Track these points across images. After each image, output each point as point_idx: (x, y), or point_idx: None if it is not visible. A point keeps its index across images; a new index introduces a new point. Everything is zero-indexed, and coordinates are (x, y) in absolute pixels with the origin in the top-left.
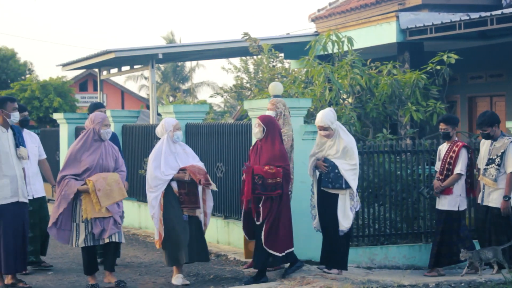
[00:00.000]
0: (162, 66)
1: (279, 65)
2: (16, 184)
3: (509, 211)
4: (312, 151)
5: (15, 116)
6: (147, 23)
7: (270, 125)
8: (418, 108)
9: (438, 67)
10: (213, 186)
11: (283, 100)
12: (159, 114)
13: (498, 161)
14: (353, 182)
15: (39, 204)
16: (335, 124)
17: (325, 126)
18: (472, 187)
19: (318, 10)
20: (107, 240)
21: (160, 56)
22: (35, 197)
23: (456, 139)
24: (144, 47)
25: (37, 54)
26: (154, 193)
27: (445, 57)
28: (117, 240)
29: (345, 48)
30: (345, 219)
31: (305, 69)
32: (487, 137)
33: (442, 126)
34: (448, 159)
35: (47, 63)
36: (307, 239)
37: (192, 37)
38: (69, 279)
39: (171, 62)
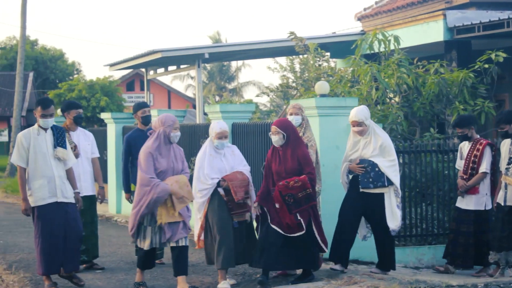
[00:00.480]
0: (208, 66)
1: (325, 64)
2: (54, 185)
3: None
4: (345, 155)
5: (43, 123)
6: (193, 23)
7: (289, 129)
8: (465, 107)
9: (486, 66)
10: (250, 202)
11: (301, 103)
12: (205, 114)
13: None
14: (396, 178)
15: (89, 203)
16: (369, 120)
17: (359, 121)
18: (495, 186)
19: (364, 9)
20: (173, 244)
21: (207, 56)
22: (83, 194)
23: (478, 137)
24: (190, 46)
25: (85, 54)
26: (200, 198)
27: (493, 56)
28: (184, 244)
29: (392, 47)
30: (394, 218)
31: (351, 68)
32: (505, 135)
33: (458, 130)
34: (472, 158)
35: (94, 63)
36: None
37: (238, 37)
38: (117, 278)
39: (217, 62)
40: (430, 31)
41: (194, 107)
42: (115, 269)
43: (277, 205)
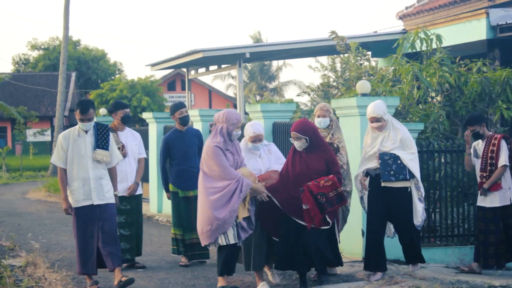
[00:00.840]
0: (249, 65)
1: (366, 63)
2: (89, 188)
3: None
4: (363, 154)
5: (84, 126)
6: (234, 22)
7: (309, 132)
8: (508, 106)
9: None
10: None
11: (328, 104)
12: (246, 113)
13: None
14: (417, 171)
15: (136, 203)
16: (387, 115)
17: (378, 117)
18: None
19: (406, 8)
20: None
21: (248, 55)
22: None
23: (491, 133)
24: (231, 46)
25: (127, 54)
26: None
27: None
28: (240, 244)
29: (434, 46)
30: (417, 212)
31: (392, 67)
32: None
33: (469, 128)
34: (489, 154)
35: (136, 63)
36: (393, 239)
37: (279, 36)
38: (158, 277)
39: (258, 61)
40: (473, 30)
41: (235, 106)
42: (156, 268)
43: (305, 207)
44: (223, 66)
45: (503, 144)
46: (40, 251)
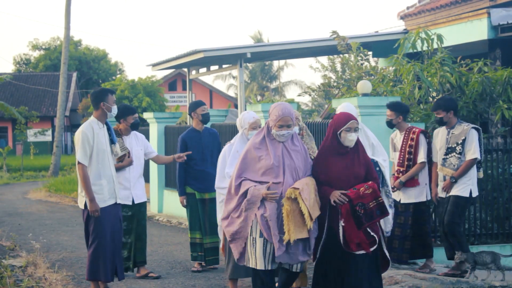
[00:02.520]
0: (250, 65)
1: (367, 63)
2: (112, 185)
3: (448, 188)
4: None
5: (115, 110)
6: (235, 22)
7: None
8: (509, 106)
9: None
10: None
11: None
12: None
13: (460, 149)
14: (388, 178)
15: (138, 209)
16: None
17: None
18: (430, 174)
19: (407, 8)
20: (285, 266)
21: (249, 55)
22: (135, 202)
23: (409, 125)
24: (232, 46)
25: (128, 54)
26: (221, 196)
27: None
28: (298, 270)
29: (435, 46)
30: (387, 220)
31: (393, 67)
32: (440, 122)
33: (387, 112)
34: (407, 148)
35: (137, 63)
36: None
37: (280, 36)
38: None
39: (259, 61)
40: (474, 30)
41: (236, 106)
42: (157, 268)
43: (342, 221)
44: (224, 66)
45: (422, 139)
46: (41, 251)
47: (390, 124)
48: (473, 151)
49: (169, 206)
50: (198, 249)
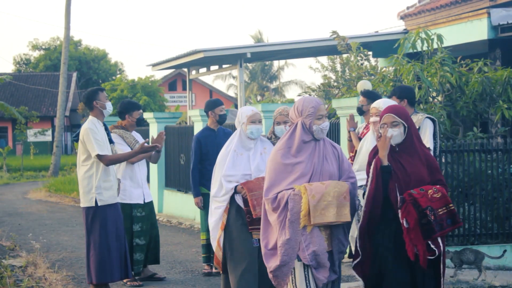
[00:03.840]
0: (250, 65)
1: (367, 63)
2: (115, 183)
3: None
4: (359, 165)
5: (109, 106)
6: (235, 22)
7: (409, 119)
8: (509, 106)
9: None
10: None
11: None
12: None
13: None
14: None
15: (150, 209)
16: None
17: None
18: None
19: (407, 8)
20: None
21: (249, 55)
22: (146, 201)
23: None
24: (232, 46)
25: (128, 54)
26: (216, 204)
27: None
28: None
29: (435, 46)
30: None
31: (393, 67)
32: (360, 111)
33: (360, 99)
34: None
35: (137, 63)
36: None
37: (280, 36)
38: (159, 276)
39: (259, 61)
40: (474, 30)
41: (236, 106)
42: (157, 268)
43: (406, 224)
44: (224, 66)
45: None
46: (41, 251)
47: (361, 111)
48: (426, 141)
49: (169, 206)
50: (212, 250)
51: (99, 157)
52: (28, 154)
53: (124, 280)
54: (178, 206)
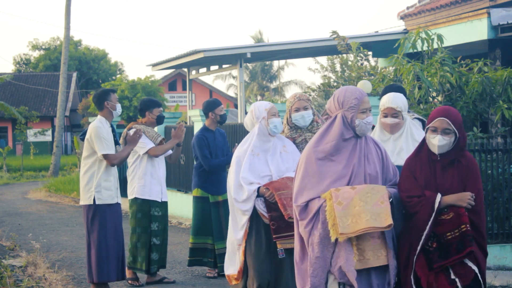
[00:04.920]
0: (250, 65)
1: (367, 63)
2: (116, 184)
3: None
4: None
5: (119, 108)
6: (236, 22)
7: (462, 127)
8: (509, 106)
9: None
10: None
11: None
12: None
13: None
14: None
15: (165, 209)
16: (405, 113)
17: (397, 109)
18: None
19: (407, 8)
20: None
21: (249, 56)
22: (163, 200)
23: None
24: (232, 46)
25: (128, 54)
26: (238, 211)
27: None
28: None
29: (435, 46)
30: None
31: (393, 67)
32: None
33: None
34: None
35: (137, 63)
36: None
37: (280, 36)
38: (158, 277)
39: (259, 61)
40: (474, 30)
41: (236, 106)
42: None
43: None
44: (224, 66)
45: None
46: (41, 251)
47: None
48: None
49: (169, 206)
50: (208, 254)
51: (105, 156)
52: (28, 154)
53: (147, 280)
54: (178, 206)
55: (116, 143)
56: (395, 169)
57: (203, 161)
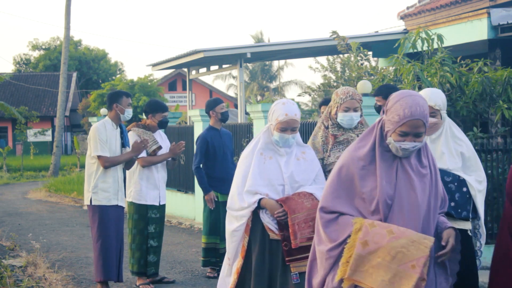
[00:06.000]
0: (250, 65)
1: (367, 63)
2: (117, 186)
3: None
4: None
5: (129, 113)
6: (236, 22)
7: None
8: (509, 106)
9: None
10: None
11: None
12: (247, 113)
13: None
14: (482, 209)
15: (163, 211)
16: (444, 112)
17: (435, 108)
18: None
19: (407, 8)
20: None
21: (249, 56)
22: (161, 203)
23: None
24: (232, 46)
25: (128, 54)
26: (232, 220)
27: None
28: None
29: (435, 46)
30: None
31: (393, 67)
32: (379, 110)
33: (376, 98)
34: None
35: (137, 63)
36: None
37: (280, 36)
38: (158, 277)
39: (259, 61)
40: (474, 30)
41: (236, 106)
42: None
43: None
44: (224, 66)
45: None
46: (41, 251)
47: (379, 110)
48: None
49: (169, 206)
50: (212, 254)
51: (98, 157)
52: (28, 154)
53: (137, 283)
54: (178, 206)
55: (123, 145)
56: (444, 195)
57: (194, 160)
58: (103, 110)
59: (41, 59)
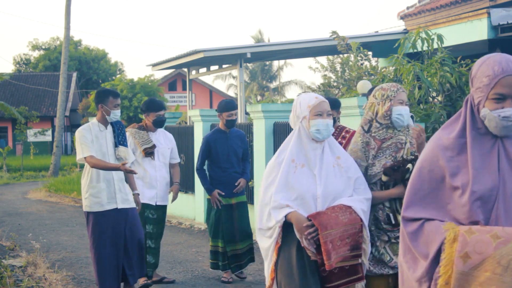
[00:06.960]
0: (250, 65)
1: (367, 63)
2: (113, 189)
3: None
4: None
5: (115, 114)
6: (236, 22)
7: None
8: None
9: None
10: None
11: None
12: (247, 113)
13: None
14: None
15: (162, 212)
16: None
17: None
18: None
19: (407, 8)
20: None
21: (249, 56)
22: (157, 203)
23: (340, 124)
24: (232, 46)
25: (128, 54)
26: (267, 240)
27: None
28: None
29: (435, 46)
30: None
31: (393, 67)
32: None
33: (330, 111)
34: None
35: (137, 63)
36: None
37: (280, 36)
38: (158, 277)
39: (259, 61)
40: (474, 30)
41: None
42: (158, 268)
43: None
44: (224, 66)
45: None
46: (41, 251)
47: (334, 121)
48: None
49: (169, 206)
50: (220, 257)
51: (85, 158)
52: (28, 154)
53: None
54: (178, 206)
55: (116, 144)
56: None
57: (197, 162)
58: None
59: (41, 59)
